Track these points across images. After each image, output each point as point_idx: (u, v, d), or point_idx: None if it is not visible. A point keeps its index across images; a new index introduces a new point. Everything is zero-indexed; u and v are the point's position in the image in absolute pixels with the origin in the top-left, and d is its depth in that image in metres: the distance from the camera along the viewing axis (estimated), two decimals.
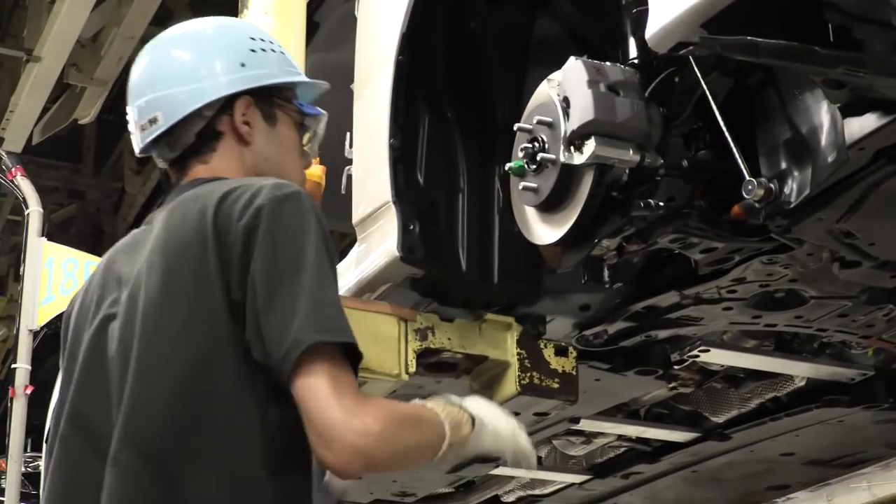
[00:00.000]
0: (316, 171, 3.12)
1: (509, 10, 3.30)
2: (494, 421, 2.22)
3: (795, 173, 2.70)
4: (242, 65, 2.36)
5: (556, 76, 2.74)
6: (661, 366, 3.63)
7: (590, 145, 2.62)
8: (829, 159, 2.59)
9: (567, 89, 2.68)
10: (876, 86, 2.32)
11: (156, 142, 2.37)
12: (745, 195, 2.66)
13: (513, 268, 3.27)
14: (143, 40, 8.00)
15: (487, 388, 3.33)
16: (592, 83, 2.64)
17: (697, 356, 3.60)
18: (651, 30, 2.34)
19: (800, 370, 3.79)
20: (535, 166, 2.76)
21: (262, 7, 3.24)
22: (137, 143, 2.40)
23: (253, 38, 2.42)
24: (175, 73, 2.36)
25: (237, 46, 2.39)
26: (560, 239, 2.78)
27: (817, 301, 3.23)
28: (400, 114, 3.17)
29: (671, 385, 3.91)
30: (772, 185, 2.68)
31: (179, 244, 2.13)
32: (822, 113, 2.61)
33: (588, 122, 2.61)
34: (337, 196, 3.43)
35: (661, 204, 2.77)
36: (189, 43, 2.41)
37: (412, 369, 3.17)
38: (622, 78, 2.67)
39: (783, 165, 2.72)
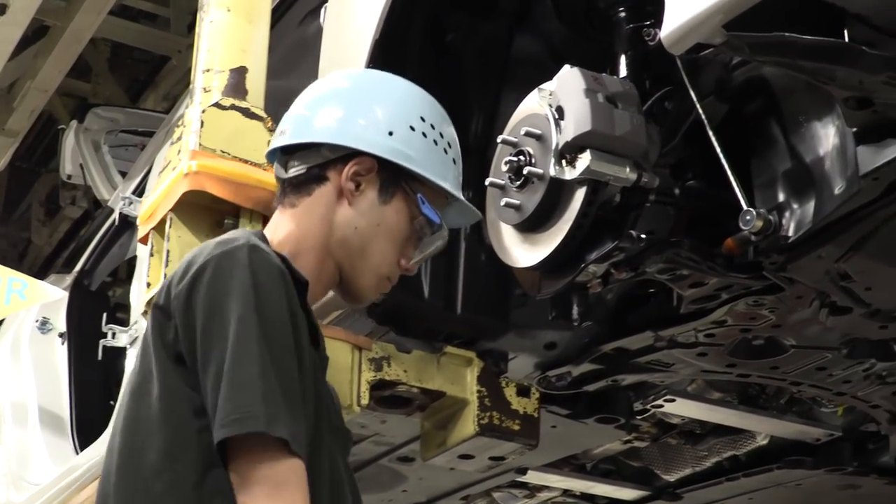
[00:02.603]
0: (273, 180, 2.83)
1: (490, 24, 3.07)
2: None
3: (795, 206, 2.49)
4: (390, 133, 2.22)
5: (548, 86, 2.50)
6: (623, 414, 3.41)
7: (584, 159, 2.38)
8: (838, 189, 2.38)
9: (561, 98, 2.44)
10: None
11: (281, 152, 2.28)
12: (742, 226, 2.45)
13: (478, 299, 3.04)
14: (58, 93, 7.86)
15: (441, 428, 3.07)
16: (590, 92, 2.40)
17: (662, 406, 3.39)
18: (667, 29, 2.11)
19: (765, 427, 3.59)
20: (519, 181, 2.50)
21: (225, 4, 2.96)
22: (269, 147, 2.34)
23: (423, 120, 2.28)
24: (334, 103, 2.26)
25: (400, 114, 2.26)
26: (542, 262, 2.52)
27: (797, 351, 3.01)
28: None
29: (627, 438, 3.68)
30: (771, 217, 2.46)
31: None
32: (831, 140, 2.40)
33: (584, 134, 2.37)
34: None
35: (652, 232, 2.53)
36: (371, 86, 2.32)
37: (365, 401, 2.92)
38: (621, 90, 2.44)
39: (781, 198, 2.52)
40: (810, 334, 2.92)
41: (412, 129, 2.23)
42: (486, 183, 2.59)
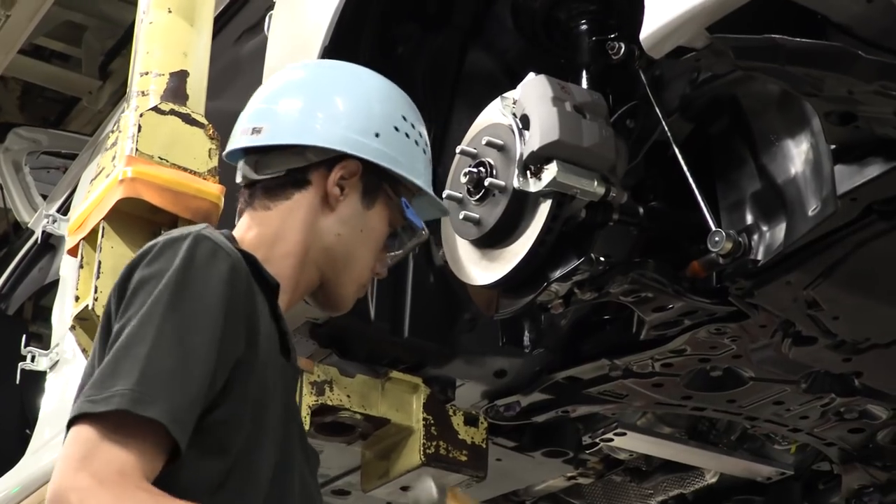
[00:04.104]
0: (213, 190, 2.69)
1: (442, 37, 2.95)
2: None
3: (764, 228, 2.40)
4: (377, 135, 2.08)
5: (511, 94, 2.38)
6: (571, 448, 3.28)
7: (550, 170, 2.26)
8: (812, 211, 2.28)
9: (526, 107, 2.32)
10: None
11: (248, 152, 2.11)
12: (710, 248, 2.35)
13: (426, 323, 2.91)
14: None
15: (384, 458, 2.92)
16: (557, 101, 2.29)
17: (612, 439, 3.26)
18: (647, 30, 1.99)
19: (715, 464, 3.49)
20: (479, 194, 2.38)
21: (166, 4, 2.81)
22: (230, 144, 2.15)
23: (405, 119, 2.14)
24: (314, 101, 2.11)
25: (386, 115, 2.12)
26: (501, 279, 2.39)
27: (755, 384, 2.90)
28: None
29: (572, 474, 3.55)
30: (740, 239, 2.34)
31: None
32: (804, 159, 2.31)
33: (551, 144, 2.25)
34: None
35: (613, 253, 2.42)
36: (350, 82, 2.16)
37: (305, 428, 2.74)
38: (590, 99, 2.34)
39: (749, 219, 2.42)
40: (771, 366, 2.81)
41: (396, 129, 2.11)
42: (444, 196, 2.45)
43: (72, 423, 1.69)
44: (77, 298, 2.60)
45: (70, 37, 8.03)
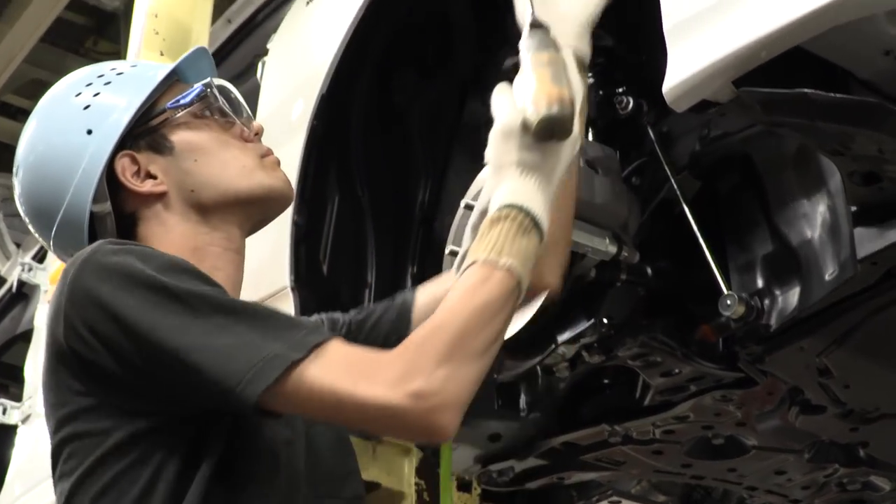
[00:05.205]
0: None
1: (440, 87, 2.85)
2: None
3: (776, 292, 2.30)
4: (89, 132, 1.85)
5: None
6: None
7: None
8: (829, 275, 2.18)
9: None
10: None
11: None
12: (721, 311, 2.24)
13: None
14: None
15: None
16: None
17: None
18: (670, 83, 1.90)
19: None
20: None
21: (158, 47, 2.71)
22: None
23: (79, 94, 1.90)
24: (39, 201, 1.89)
25: (70, 118, 1.88)
26: (508, 340, 2.27)
27: (758, 452, 2.80)
28: (308, 187, 2.69)
29: None
30: (753, 303, 2.25)
31: None
32: (821, 221, 2.22)
33: None
34: None
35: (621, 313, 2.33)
36: (36, 161, 1.90)
37: None
38: (602, 154, 2.25)
39: (760, 283, 2.33)
40: (775, 434, 2.72)
41: (87, 107, 1.87)
42: (446, 252, 2.35)
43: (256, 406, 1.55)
44: None
45: (37, 94, 7.89)
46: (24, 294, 4.97)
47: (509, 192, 1.66)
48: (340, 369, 1.54)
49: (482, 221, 1.68)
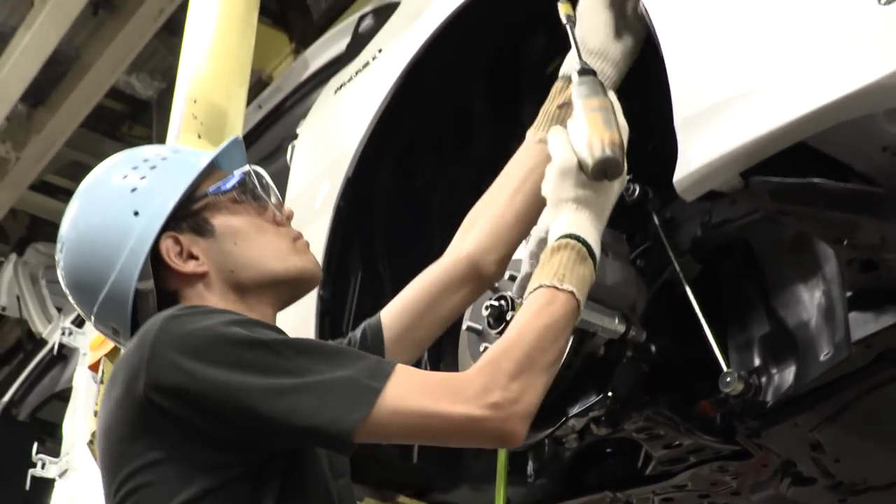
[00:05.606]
0: None
1: (458, 172, 2.80)
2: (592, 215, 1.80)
3: (773, 371, 2.24)
4: (136, 213, 1.84)
5: (534, 230, 2.22)
6: None
7: None
8: (824, 356, 2.12)
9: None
10: None
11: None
12: (721, 388, 2.18)
13: (434, 450, 2.69)
14: None
15: None
16: None
17: None
18: (680, 174, 1.85)
19: None
20: (500, 327, 2.21)
21: (196, 130, 2.67)
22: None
23: (126, 176, 1.88)
24: (84, 276, 1.87)
25: (116, 200, 1.86)
26: None
27: None
28: (333, 263, 2.63)
29: None
30: (751, 381, 2.18)
31: None
32: (817, 304, 2.15)
33: None
34: None
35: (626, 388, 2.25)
36: (80, 238, 1.89)
37: None
38: (611, 239, 2.18)
39: (757, 361, 2.26)
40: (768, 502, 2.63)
41: (134, 190, 1.86)
42: (463, 328, 2.29)
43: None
44: (96, 414, 2.42)
45: (76, 174, 7.96)
46: (63, 356, 4.92)
47: (567, 224, 1.77)
48: (419, 390, 1.61)
49: (539, 248, 1.81)
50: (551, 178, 1.82)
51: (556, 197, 1.80)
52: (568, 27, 1.98)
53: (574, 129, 1.82)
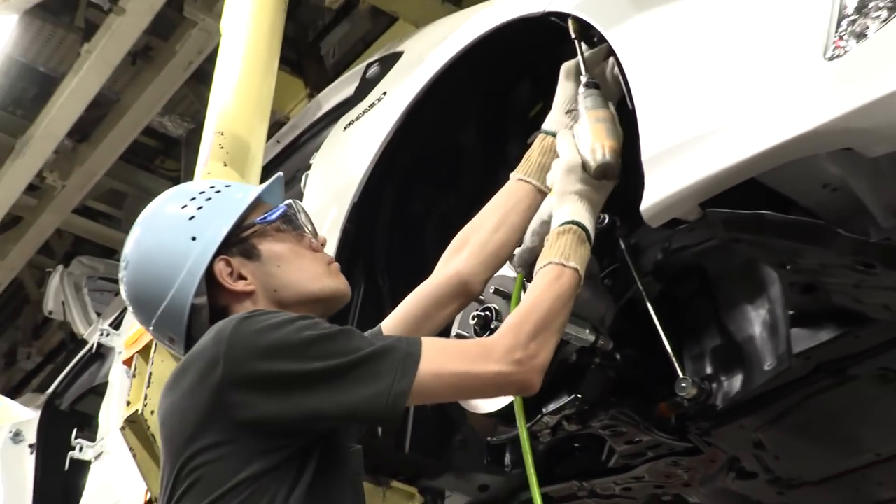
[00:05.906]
0: None
1: (452, 199, 2.78)
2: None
3: (723, 378, 2.21)
4: (193, 238, 1.85)
5: (518, 251, 2.19)
6: None
7: None
8: (768, 366, 2.10)
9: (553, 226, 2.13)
10: (862, 295, 1.81)
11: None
12: (677, 392, 2.15)
13: (424, 441, 2.67)
14: (28, 265, 7.67)
15: None
16: None
17: None
18: (647, 203, 1.82)
19: None
20: (486, 334, 2.18)
21: (222, 158, 2.63)
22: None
23: (184, 206, 1.88)
24: (145, 292, 1.86)
25: (176, 226, 1.87)
26: (503, 409, 2.19)
27: None
28: None
29: None
30: (704, 386, 2.16)
31: None
32: (762, 321, 2.13)
33: None
34: None
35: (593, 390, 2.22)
36: (142, 259, 1.88)
37: None
38: None
39: (709, 370, 2.24)
40: (714, 495, 2.60)
41: (192, 218, 1.86)
42: (452, 334, 2.26)
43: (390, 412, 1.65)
44: (128, 403, 2.38)
45: (114, 201, 7.99)
46: (101, 354, 4.86)
47: (570, 212, 1.87)
48: (454, 356, 1.70)
49: (540, 227, 1.96)
50: (558, 172, 1.92)
51: (562, 189, 1.90)
52: (576, 42, 2.05)
53: (580, 134, 1.93)
